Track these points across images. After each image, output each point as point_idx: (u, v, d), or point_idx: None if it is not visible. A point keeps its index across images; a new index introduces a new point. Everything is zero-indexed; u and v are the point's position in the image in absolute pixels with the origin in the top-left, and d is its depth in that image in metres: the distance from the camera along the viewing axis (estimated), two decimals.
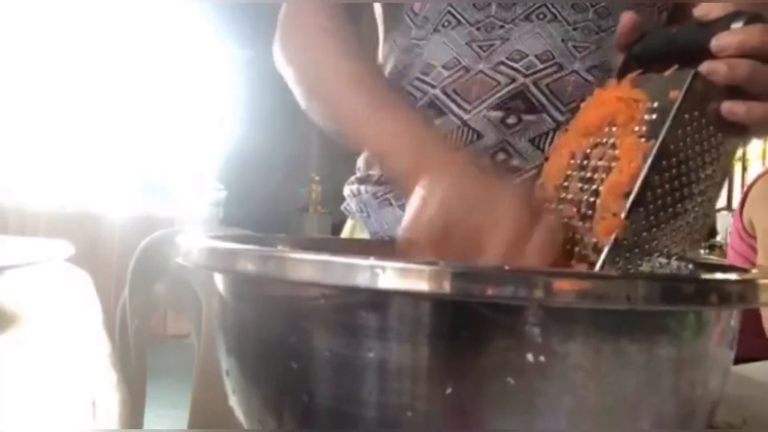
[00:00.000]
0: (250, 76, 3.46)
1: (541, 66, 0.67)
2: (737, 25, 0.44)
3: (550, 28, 0.68)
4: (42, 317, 0.54)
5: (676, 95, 0.42)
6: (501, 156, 0.67)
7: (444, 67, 0.70)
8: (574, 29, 0.68)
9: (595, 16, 0.68)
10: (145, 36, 3.80)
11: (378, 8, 0.78)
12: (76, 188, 3.51)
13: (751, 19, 0.44)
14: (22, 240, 0.69)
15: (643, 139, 0.42)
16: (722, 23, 0.44)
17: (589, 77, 0.67)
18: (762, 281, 0.32)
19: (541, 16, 0.68)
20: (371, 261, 0.29)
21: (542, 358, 0.30)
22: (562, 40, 0.67)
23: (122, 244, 3.26)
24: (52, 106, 3.55)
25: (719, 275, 0.37)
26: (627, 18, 0.49)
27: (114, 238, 3.43)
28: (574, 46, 0.68)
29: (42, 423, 0.33)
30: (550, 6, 0.68)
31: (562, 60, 0.67)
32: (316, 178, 4.26)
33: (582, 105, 0.49)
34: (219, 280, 0.41)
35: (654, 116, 0.43)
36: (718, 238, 2.83)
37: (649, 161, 0.41)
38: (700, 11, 0.46)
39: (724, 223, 2.81)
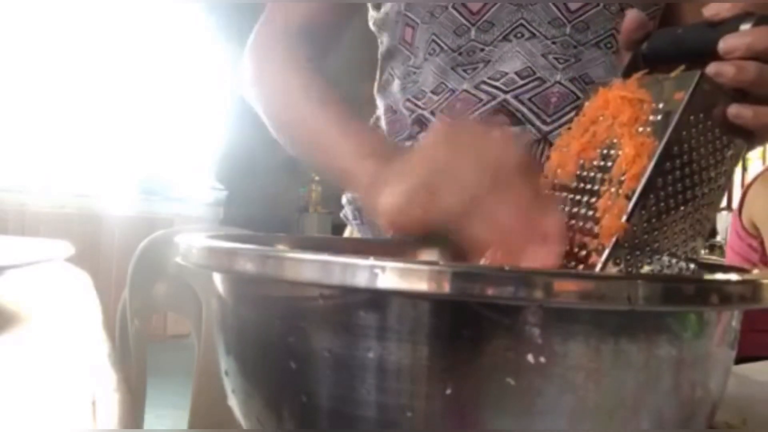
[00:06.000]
0: None
1: (521, 82, 0.68)
2: (746, 27, 0.43)
3: (529, 45, 0.69)
4: (42, 317, 0.54)
5: (682, 96, 0.42)
6: None
7: (433, 92, 0.72)
8: (553, 43, 0.69)
9: (572, 30, 0.69)
10: (145, 36, 3.80)
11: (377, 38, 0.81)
12: (76, 188, 3.51)
13: (760, 20, 0.43)
14: (22, 240, 0.69)
15: (647, 140, 0.42)
16: (730, 24, 0.44)
17: (573, 87, 0.68)
18: (764, 281, 0.32)
19: (519, 35, 0.69)
20: (371, 261, 0.29)
21: (542, 359, 0.30)
22: (542, 55, 0.68)
23: (122, 244, 3.26)
24: (53, 106, 3.55)
25: (720, 276, 0.37)
26: (631, 16, 0.49)
27: (114, 238, 3.44)
28: (555, 58, 0.68)
29: (42, 423, 0.33)
30: (527, 25, 0.69)
31: (544, 73, 0.68)
32: (316, 178, 4.26)
33: (586, 104, 0.49)
34: (218, 280, 0.41)
35: (659, 117, 0.42)
36: (718, 238, 2.84)
37: (653, 163, 0.41)
38: (709, 11, 0.45)
39: (724, 223, 2.81)
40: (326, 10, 0.75)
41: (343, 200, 0.83)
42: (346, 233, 0.84)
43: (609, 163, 0.44)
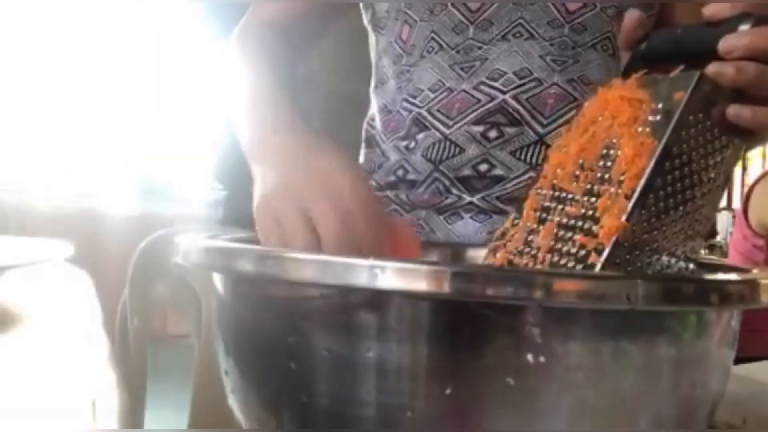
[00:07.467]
0: None
1: (519, 82, 0.69)
2: (745, 27, 0.43)
3: (527, 45, 0.69)
4: (42, 317, 0.54)
5: (681, 96, 0.42)
6: (484, 166, 0.70)
7: (430, 89, 0.72)
8: (551, 45, 0.69)
9: (570, 32, 0.70)
10: (145, 35, 3.80)
11: (372, 36, 0.81)
12: (76, 188, 3.50)
13: (759, 21, 0.43)
14: (22, 240, 0.69)
15: (646, 140, 0.42)
16: (729, 25, 0.44)
17: (569, 89, 0.68)
18: (763, 281, 0.32)
19: (518, 35, 0.70)
20: (371, 261, 0.29)
21: (542, 359, 0.30)
22: (540, 56, 0.69)
23: (122, 244, 3.24)
24: (53, 106, 3.55)
25: (720, 275, 0.37)
26: (631, 16, 0.49)
27: (114, 238, 3.43)
28: (553, 60, 0.69)
29: (42, 423, 0.33)
30: (525, 24, 0.70)
31: (541, 75, 0.69)
32: None
33: (585, 104, 0.49)
34: (218, 280, 0.41)
35: (658, 117, 0.42)
36: (718, 238, 2.83)
37: (652, 163, 0.41)
38: (708, 11, 0.45)
39: (724, 223, 2.81)
40: (310, 12, 0.75)
41: None
42: None
43: (608, 163, 0.44)
